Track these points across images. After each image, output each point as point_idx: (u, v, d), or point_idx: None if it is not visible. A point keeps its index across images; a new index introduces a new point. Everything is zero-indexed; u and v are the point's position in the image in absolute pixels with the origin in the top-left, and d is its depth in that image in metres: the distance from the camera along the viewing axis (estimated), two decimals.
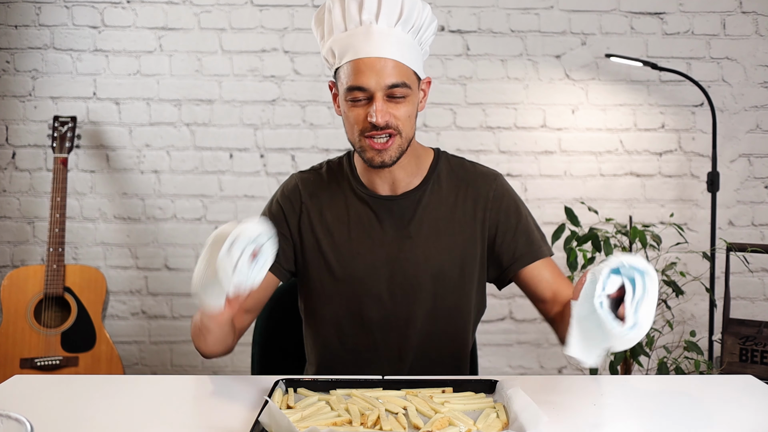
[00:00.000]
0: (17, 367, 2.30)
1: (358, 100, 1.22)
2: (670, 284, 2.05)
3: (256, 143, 2.70)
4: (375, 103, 1.20)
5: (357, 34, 1.21)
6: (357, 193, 1.34)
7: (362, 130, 1.23)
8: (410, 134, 1.26)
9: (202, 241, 2.69)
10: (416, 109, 1.27)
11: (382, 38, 1.20)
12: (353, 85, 1.20)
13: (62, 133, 2.49)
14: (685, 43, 2.72)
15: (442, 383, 1.08)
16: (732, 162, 2.73)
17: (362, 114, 1.22)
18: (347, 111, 1.24)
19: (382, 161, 1.24)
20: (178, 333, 2.72)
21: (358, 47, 1.20)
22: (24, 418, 0.66)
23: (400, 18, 1.21)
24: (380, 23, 1.20)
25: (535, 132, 2.72)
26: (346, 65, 1.22)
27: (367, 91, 1.20)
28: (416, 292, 1.31)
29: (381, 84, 1.19)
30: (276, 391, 1.03)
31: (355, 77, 1.20)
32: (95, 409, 1.03)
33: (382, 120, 1.20)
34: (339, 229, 1.33)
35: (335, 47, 1.23)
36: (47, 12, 2.68)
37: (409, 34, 1.23)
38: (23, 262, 2.70)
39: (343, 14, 1.22)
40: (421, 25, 1.24)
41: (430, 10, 1.27)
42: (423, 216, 1.32)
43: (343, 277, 1.32)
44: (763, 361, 2.02)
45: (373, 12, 1.20)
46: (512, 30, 2.71)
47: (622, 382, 1.22)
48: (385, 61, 1.19)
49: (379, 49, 1.19)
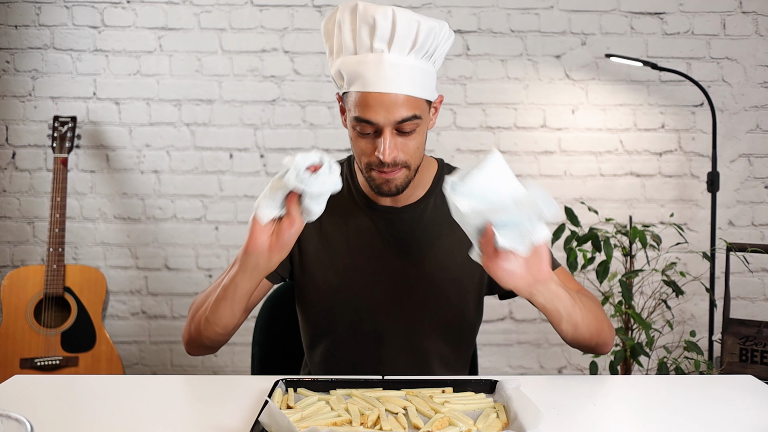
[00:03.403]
0: (17, 367, 2.30)
1: (365, 132, 1.17)
2: (670, 284, 2.05)
3: (256, 143, 2.70)
4: (383, 140, 1.15)
5: (367, 62, 1.14)
6: (357, 203, 1.32)
7: (369, 164, 1.20)
8: (418, 163, 1.23)
9: (202, 241, 2.71)
10: (426, 136, 1.23)
11: (394, 71, 1.13)
12: (361, 118, 1.15)
13: (62, 133, 2.49)
14: (685, 43, 2.72)
15: (442, 383, 1.08)
16: (732, 162, 2.73)
17: (370, 147, 1.18)
18: (354, 139, 1.20)
19: (389, 190, 1.21)
20: (178, 333, 2.72)
21: (367, 79, 1.13)
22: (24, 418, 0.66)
23: (414, 46, 1.14)
24: (392, 52, 1.14)
25: (535, 132, 2.72)
26: (354, 93, 1.16)
27: (375, 125, 1.15)
28: (415, 307, 1.29)
29: (390, 120, 1.14)
30: (276, 391, 1.03)
31: (362, 110, 1.14)
32: (95, 409, 1.03)
33: (390, 158, 1.16)
34: (337, 240, 1.30)
35: (344, 70, 1.17)
36: (47, 12, 2.68)
37: (422, 59, 1.17)
38: (23, 262, 2.70)
39: (353, 37, 1.15)
40: (437, 47, 1.18)
41: (447, 27, 1.19)
42: (424, 231, 1.30)
43: (339, 289, 1.29)
44: (763, 361, 2.02)
45: (385, 40, 1.13)
46: (512, 30, 2.71)
47: (622, 382, 1.22)
48: (396, 96, 1.13)
49: (390, 83, 1.13)
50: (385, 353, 1.31)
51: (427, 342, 1.31)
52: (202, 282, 2.72)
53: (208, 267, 2.72)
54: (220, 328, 1.20)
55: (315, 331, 1.35)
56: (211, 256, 2.72)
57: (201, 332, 1.23)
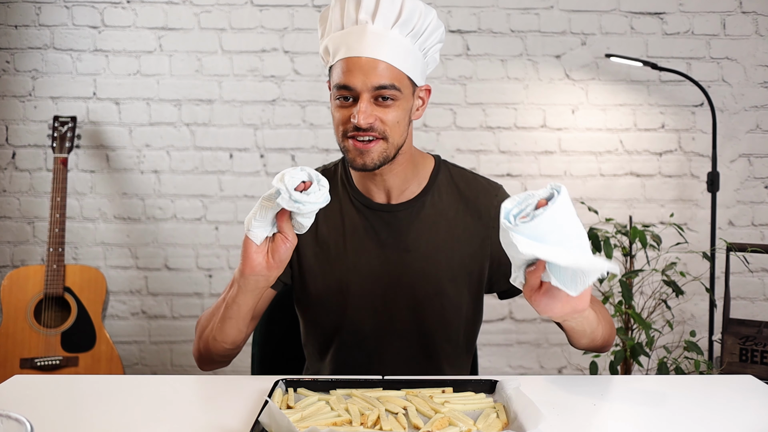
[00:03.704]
0: (17, 367, 2.30)
1: (345, 99, 1.19)
2: (670, 284, 2.05)
3: (256, 143, 2.70)
4: (360, 104, 1.17)
5: (352, 32, 1.18)
6: (353, 202, 1.31)
7: (345, 131, 1.20)
8: (398, 141, 1.22)
9: (202, 241, 2.71)
10: (408, 116, 1.23)
11: (376, 39, 1.17)
12: (340, 83, 1.18)
13: (62, 133, 2.49)
14: (685, 43, 2.72)
15: (442, 383, 1.08)
16: (732, 162, 2.73)
17: (347, 114, 1.19)
18: (334, 111, 1.22)
19: (363, 163, 1.20)
20: (178, 333, 2.72)
21: (351, 46, 1.17)
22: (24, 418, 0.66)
23: (398, 20, 1.18)
24: (376, 23, 1.17)
25: (535, 132, 2.72)
26: (338, 63, 1.19)
27: (354, 91, 1.17)
28: (412, 306, 1.29)
29: (368, 84, 1.16)
30: (276, 391, 1.03)
31: (343, 76, 1.17)
32: (95, 409, 1.03)
33: (365, 122, 1.16)
34: (334, 240, 1.30)
35: (330, 45, 1.21)
36: (47, 12, 2.68)
37: (407, 37, 1.19)
38: (23, 262, 2.70)
39: (341, 12, 1.20)
40: (423, 30, 1.20)
41: (436, 15, 1.23)
42: (421, 229, 1.29)
43: (337, 289, 1.29)
44: (763, 361, 2.02)
45: (369, 11, 1.18)
46: (512, 30, 2.71)
47: (622, 382, 1.21)
48: (376, 62, 1.16)
49: (371, 49, 1.16)
50: (385, 353, 1.30)
51: (427, 341, 1.31)
52: (202, 282, 2.72)
53: (208, 267, 2.72)
54: (229, 344, 1.23)
55: (314, 333, 1.35)
56: (211, 256, 2.72)
57: (211, 351, 1.25)
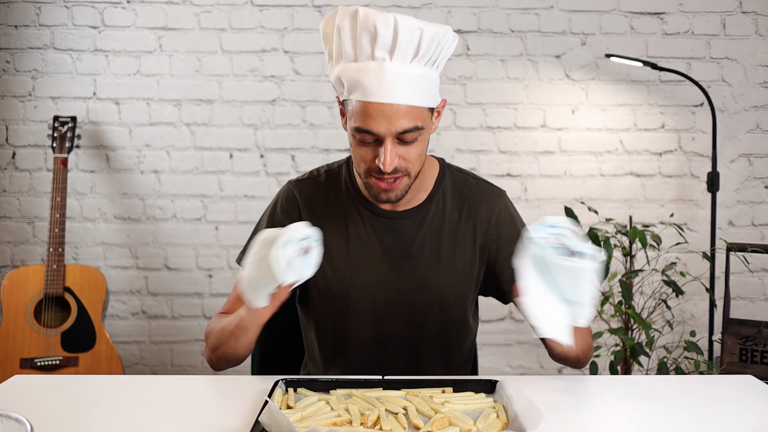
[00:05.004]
0: (17, 367, 2.30)
1: (366, 141, 1.15)
2: (670, 284, 2.05)
3: (256, 143, 2.70)
4: (384, 149, 1.13)
5: (368, 70, 1.10)
6: (357, 207, 1.30)
7: (369, 170, 1.18)
8: (419, 169, 1.21)
9: (202, 241, 2.71)
10: (428, 142, 1.22)
11: (395, 80, 1.10)
12: (362, 128, 1.13)
13: (62, 133, 2.49)
14: (685, 43, 2.72)
15: (442, 383, 1.08)
16: (732, 162, 2.73)
17: (370, 155, 1.16)
18: (354, 146, 1.18)
19: (388, 199, 1.20)
20: (178, 333, 2.72)
21: (368, 88, 1.10)
22: (24, 418, 0.66)
23: (417, 54, 1.11)
24: (394, 61, 1.10)
25: (535, 132, 2.72)
26: (355, 102, 1.13)
27: (376, 135, 1.13)
28: (414, 313, 1.29)
29: (391, 131, 1.12)
30: (276, 391, 1.03)
31: (363, 120, 1.12)
32: (95, 409, 1.03)
33: (390, 167, 1.14)
34: (338, 245, 1.29)
35: (344, 77, 1.14)
36: (47, 12, 2.68)
37: (425, 67, 1.14)
38: (23, 262, 2.70)
39: (353, 44, 1.12)
40: (440, 53, 1.15)
41: (451, 32, 1.16)
42: (425, 236, 1.29)
43: (340, 295, 1.29)
44: (763, 361, 2.02)
45: (386, 48, 1.10)
46: (512, 30, 2.71)
47: (622, 382, 1.22)
48: (398, 107, 1.11)
49: (392, 93, 1.10)
50: (387, 358, 1.30)
51: (429, 346, 1.30)
52: (202, 282, 2.72)
53: (208, 267, 2.72)
54: (243, 350, 1.23)
55: (317, 337, 1.35)
56: (211, 256, 2.72)
57: (227, 359, 1.25)
